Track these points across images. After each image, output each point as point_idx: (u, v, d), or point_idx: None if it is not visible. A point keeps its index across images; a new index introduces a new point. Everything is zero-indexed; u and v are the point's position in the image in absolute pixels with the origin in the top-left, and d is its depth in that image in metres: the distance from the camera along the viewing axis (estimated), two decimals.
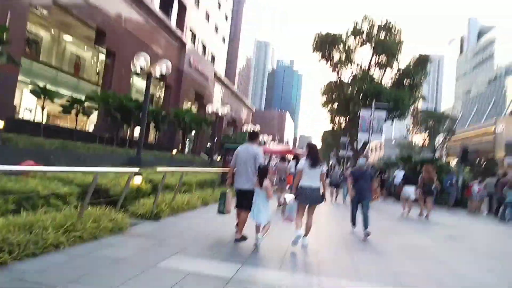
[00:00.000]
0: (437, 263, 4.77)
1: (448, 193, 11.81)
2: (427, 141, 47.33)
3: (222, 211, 5.12)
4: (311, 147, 5.01)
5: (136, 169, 5.13)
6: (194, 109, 33.49)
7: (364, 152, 5.32)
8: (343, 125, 38.43)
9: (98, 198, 5.88)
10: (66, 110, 14.48)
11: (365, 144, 31.66)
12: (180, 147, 30.91)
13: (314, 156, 4.81)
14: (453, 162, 32.54)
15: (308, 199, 4.74)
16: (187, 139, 34.42)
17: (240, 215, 4.77)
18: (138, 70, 11.35)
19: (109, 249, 3.78)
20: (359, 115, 30.26)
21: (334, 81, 34.18)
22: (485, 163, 32.18)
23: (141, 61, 11.24)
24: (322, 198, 4.82)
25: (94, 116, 18.57)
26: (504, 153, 31.22)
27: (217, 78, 40.36)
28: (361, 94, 30.68)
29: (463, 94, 70.94)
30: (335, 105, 36.10)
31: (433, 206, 9.50)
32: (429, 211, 9.11)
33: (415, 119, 45.96)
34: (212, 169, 10.19)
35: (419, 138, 54.54)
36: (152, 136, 30.06)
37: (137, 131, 28.78)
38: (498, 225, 9.71)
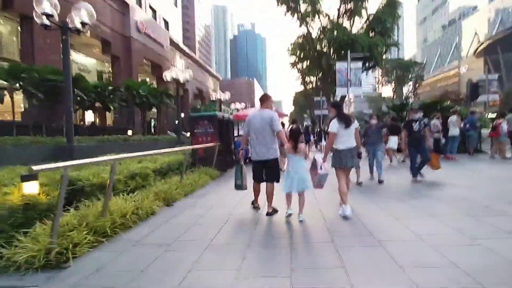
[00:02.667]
0: None
1: (468, 137, 9.70)
2: (395, 91, 46.70)
3: (240, 186, 4.69)
4: (337, 106, 4.36)
5: None
6: (153, 83, 29.02)
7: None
8: (314, 84, 36.26)
9: None
10: None
11: (342, 98, 29.65)
12: (144, 128, 26.97)
13: (345, 115, 4.23)
14: None
15: (349, 161, 4.13)
16: (151, 118, 30.26)
17: (266, 191, 4.20)
18: (45, 21, 7.58)
19: None
20: (335, 69, 28.11)
21: (303, 36, 31.17)
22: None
23: (44, 5, 7.44)
24: (359, 156, 4.39)
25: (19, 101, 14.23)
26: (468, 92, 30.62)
27: (174, 45, 35.38)
28: (334, 47, 27.99)
29: (423, 41, 70.87)
30: (305, 63, 33.59)
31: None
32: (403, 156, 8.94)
33: (384, 69, 44.63)
34: (176, 149, 7.13)
35: (386, 90, 53.95)
36: (109, 119, 25.71)
37: (89, 115, 24.28)
38: None
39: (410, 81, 41.89)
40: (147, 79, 28.98)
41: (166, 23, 38.42)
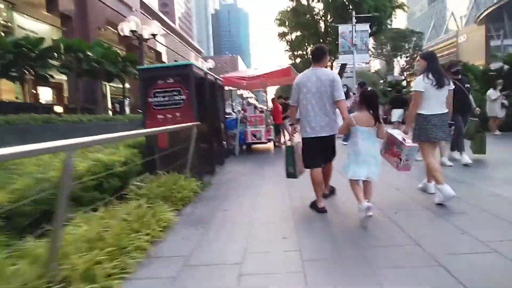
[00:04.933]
0: None
1: None
2: (386, 64, 42.76)
3: (292, 173, 3.25)
4: (429, 57, 3.12)
5: None
6: (121, 53, 23.27)
7: None
8: (307, 55, 31.56)
9: None
10: None
11: (343, 66, 25.28)
12: (113, 106, 21.86)
13: (439, 71, 3.04)
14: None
15: (440, 131, 3.02)
16: (125, 96, 24.80)
17: (324, 171, 3.09)
18: None
19: None
20: (333, 35, 23.92)
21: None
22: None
23: None
24: (450, 126, 3.18)
25: None
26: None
27: (146, 9, 29.21)
28: (335, 5, 23.18)
29: (413, 13, 66.50)
30: (296, 34, 28.83)
31: None
32: None
33: (377, 41, 40.20)
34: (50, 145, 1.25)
35: (374, 64, 49.74)
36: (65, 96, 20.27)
37: (46, 91, 18.53)
38: None
39: (408, 51, 37.86)
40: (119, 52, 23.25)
41: None
